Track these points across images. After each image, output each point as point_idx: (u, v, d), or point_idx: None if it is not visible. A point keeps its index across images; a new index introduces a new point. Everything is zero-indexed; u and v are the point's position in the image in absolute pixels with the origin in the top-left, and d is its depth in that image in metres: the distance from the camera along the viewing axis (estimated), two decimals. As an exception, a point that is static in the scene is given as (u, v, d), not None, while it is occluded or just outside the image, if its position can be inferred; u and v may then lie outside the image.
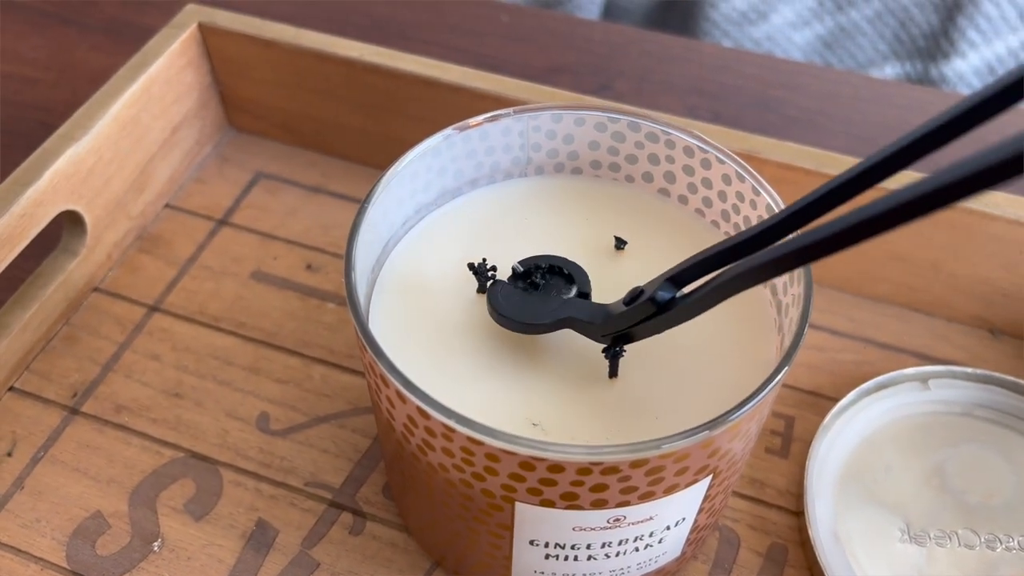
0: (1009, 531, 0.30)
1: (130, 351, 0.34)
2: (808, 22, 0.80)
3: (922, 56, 0.79)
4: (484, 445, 0.20)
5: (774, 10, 0.78)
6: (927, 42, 0.79)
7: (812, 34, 0.79)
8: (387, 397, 0.22)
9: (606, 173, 0.29)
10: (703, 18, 0.80)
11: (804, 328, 0.22)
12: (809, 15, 0.79)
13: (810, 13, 0.79)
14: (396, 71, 0.36)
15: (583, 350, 0.24)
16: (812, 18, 0.80)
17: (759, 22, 0.80)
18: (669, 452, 0.20)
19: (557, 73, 0.46)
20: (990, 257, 0.33)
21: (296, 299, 0.35)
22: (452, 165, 0.27)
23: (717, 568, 0.29)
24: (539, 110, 0.27)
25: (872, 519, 0.30)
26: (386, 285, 0.26)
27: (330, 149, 0.40)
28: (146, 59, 0.36)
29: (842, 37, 0.80)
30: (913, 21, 0.79)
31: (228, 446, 0.31)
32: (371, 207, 0.24)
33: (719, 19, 0.79)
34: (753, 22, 0.80)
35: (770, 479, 0.31)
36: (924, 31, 0.79)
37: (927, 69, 0.78)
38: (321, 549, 0.29)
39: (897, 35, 0.80)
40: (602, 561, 0.24)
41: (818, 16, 0.79)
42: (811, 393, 0.33)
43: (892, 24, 0.80)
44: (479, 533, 0.24)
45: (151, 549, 0.29)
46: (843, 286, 0.35)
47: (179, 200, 0.39)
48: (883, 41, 0.81)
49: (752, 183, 0.25)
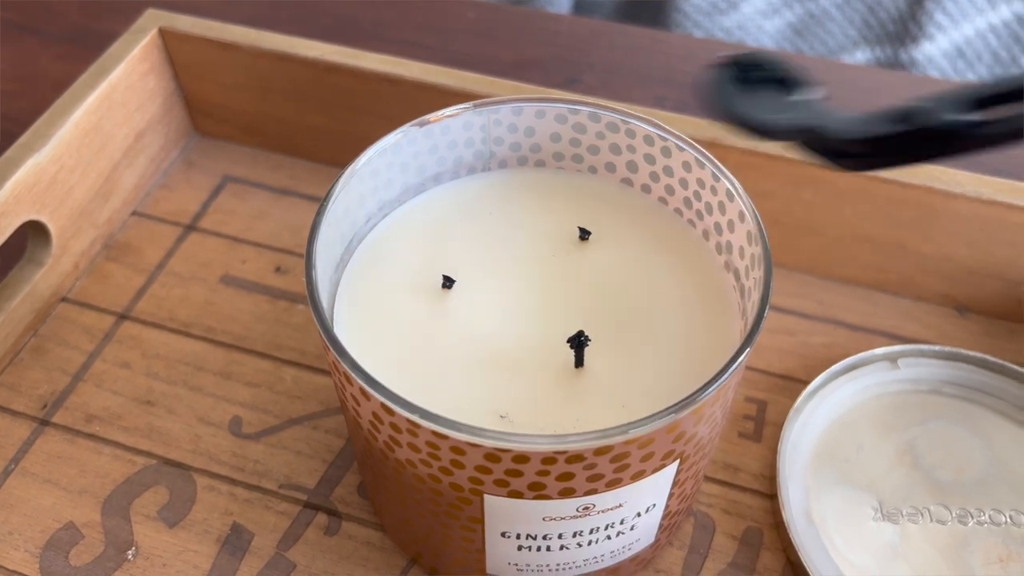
0: (980, 505, 0.30)
1: (100, 360, 0.33)
2: (778, 10, 0.80)
3: (891, 40, 0.79)
4: (448, 439, 0.20)
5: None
6: (896, 26, 0.79)
7: (782, 22, 0.80)
8: (352, 395, 0.22)
9: (569, 165, 0.29)
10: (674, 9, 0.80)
11: (764, 310, 0.22)
12: (779, 3, 0.80)
13: (780, 1, 0.79)
14: (359, 70, 0.35)
15: (548, 341, 0.24)
16: (782, 6, 0.80)
17: (729, 12, 0.80)
18: (633, 438, 0.20)
19: (525, 68, 0.46)
20: (954, 235, 0.33)
21: (266, 302, 0.35)
22: (414, 161, 0.27)
23: (693, 553, 0.29)
24: (499, 103, 0.27)
25: (845, 499, 0.30)
26: (350, 283, 0.26)
27: (297, 151, 0.40)
28: (106, 65, 0.35)
29: (812, 24, 0.81)
30: (881, 6, 0.79)
31: (201, 452, 0.31)
32: (331, 205, 0.24)
33: (690, 10, 0.80)
34: (724, 12, 0.80)
35: (744, 463, 0.31)
36: (892, 15, 0.79)
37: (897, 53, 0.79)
38: (297, 550, 0.29)
39: (866, 20, 0.81)
40: (575, 550, 0.24)
41: (787, 4, 0.80)
42: (782, 377, 0.33)
43: (861, 9, 0.80)
44: (451, 528, 0.24)
45: (125, 558, 0.29)
46: (811, 270, 0.36)
47: (146, 207, 0.38)
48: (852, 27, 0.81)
49: (712, 169, 0.25)
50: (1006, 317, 0.35)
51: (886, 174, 0.32)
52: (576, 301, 0.26)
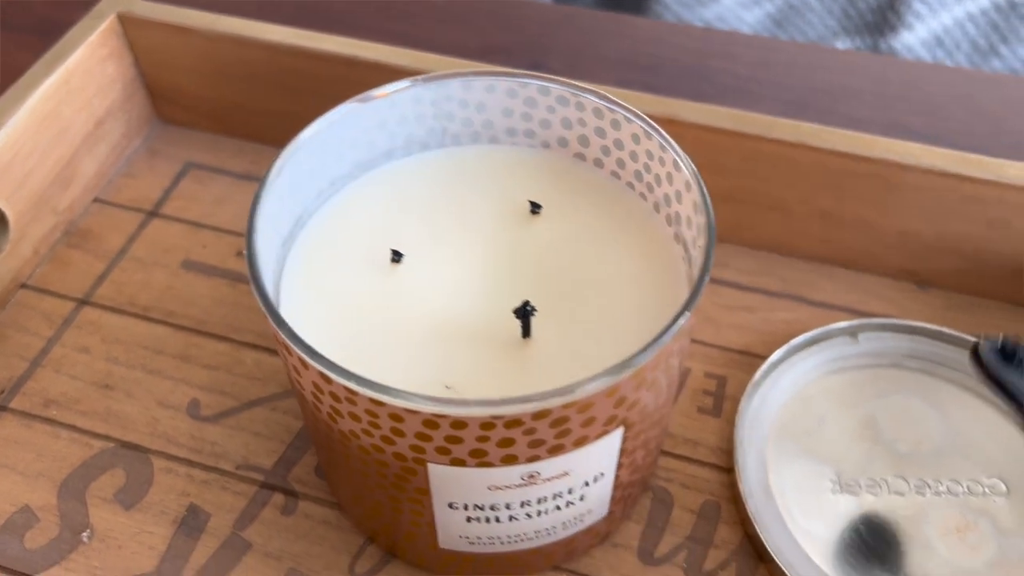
0: (938, 476, 0.30)
1: (59, 345, 0.33)
2: (758, 1, 0.80)
3: (871, 30, 0.79)
4: (386, 406, 0.20)
5: (724, -10, 0.78)
6: (875, 16, 0.80)
7: (762, 12, 0.80)
8: (294, 366, 0.22)
9: (522, 140, 0.29)
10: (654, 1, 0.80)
11: (705, 276, 0.22)
12: (759, -7, 0.80)
13: (759, -9, 0.80)
14: (317, 53, 0.35)
15: (497, 315, 0.24)
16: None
17: (709, 3, 0.80)
18: (572, 402, 0.20)
19: (491, 53, 0.46)
20: (911, 209, 0.33)
21: (226, 286, 0.35)
22: (364, 136, 0.27)
23: (650, 527, 0.29)
24: (447, 78, 0.27)
25: (805, 472, 0.30)
26: (299, 258, 0.26)
27: (259, 136, 0.40)
28: (64, 51, 0.35)
29: (792, 15, 0.81)
30: (860, -4, 0.79)
31: (159, 434, 0.31)
32: (274, 178, 0.24)
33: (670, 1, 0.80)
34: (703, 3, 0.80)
35: (703, 438, 0.31)
36: (871, 5, 0.79)
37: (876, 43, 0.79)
38: (253, 530, 0.29)
39: (845, 10, 0.81)
40: (524, 521, 0.24)
41: (767, -6, 0.80)
42: (743, 353, 0.33)
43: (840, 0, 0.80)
44: (401, 501, 0.24)
45: (80, 540, 0.28)
46: (774, 247, 0.36)
47: (108, 194, 0.38)
48: (832, 17, 0.82)
49: (659, 140, 0.25)
50: (965, 290, 0.35)
51: (842, 147, 0.32)
52: (525, 273, 0.26)
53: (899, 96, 0.44)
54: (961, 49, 0.79)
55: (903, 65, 0.49)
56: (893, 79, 0.45)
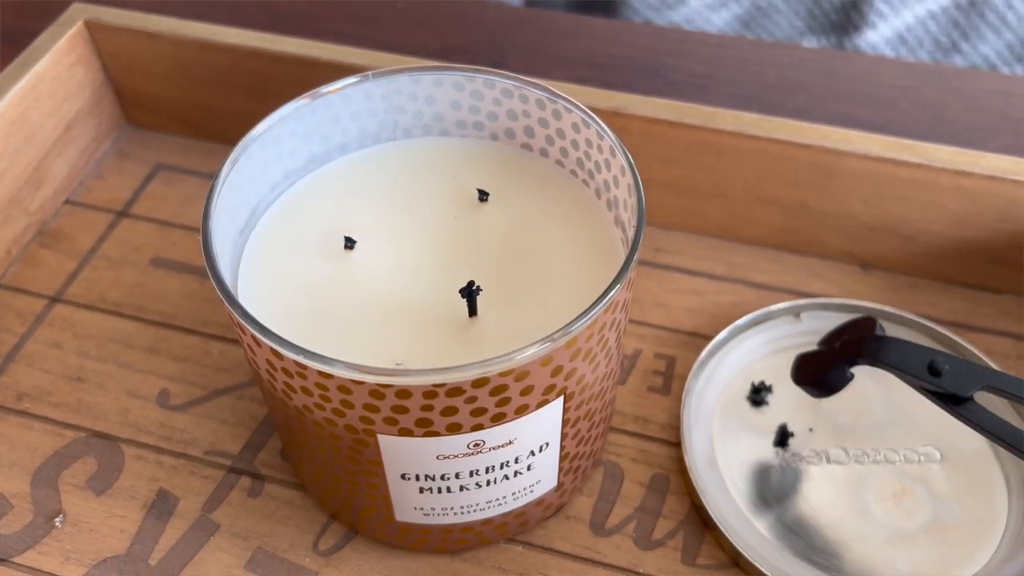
0: (876, 446, 0.31)
1: (31, 341, 0.34)
2: (725, 3, 0.82)
3: (836, 30, 0.81)
4: (334, 378, 0.21)
5: (691, -7, 0.80)
6: (839, 16, 0.81)
7: (730, 14, 0.81)
8: (248, 346, 0.23)
9: (471, 132, 0.30)
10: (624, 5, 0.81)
11: (635, 252, 0.23)
12: (725, -5, 0.81)
13: (726, -7, 0.81)
14: (278, 54, 0.37)
15: (446, 296, 0.26)
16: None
17: (677, 6, 0.81)
18: (509, 369, 0.21)
19: (451, 53, 0.47)
20: (850, 193, 0.35)
21: (194, 282, 0.36)
22: (317, 131, 0.28)
23: (602, 500, 0.30)
24: (395, 72, 0.28)
25: (749, 445, 0.31)
26: (255, 247, 0.27)
27: (226, 138, 0.41)
28: (32, 57, 0.36)
29: (759, 16, 0.83)
30: (824, -4, 0.81)
31: (129, 423, 0.32)
32: (229, 171, 0.25)
33: (638, 5, 0.81)
34: (672, 6, 0.82)
35: (652, 415, 0.32)
36: (836, 5, 0.81)
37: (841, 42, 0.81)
38: (221, 512, 0.30)
39: (811, 11, 0.83)
40: (475, 491, 0.25)
41: (734, -4, 0.81)
42: (690, 334, 0.34)
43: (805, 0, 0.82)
44: (356, 474, 0.25)
45: (53, 525, 0.30)
46: (720, 233, 0.37)
47: (79, 195, 0.39)
48: (798, 17, 0.83)
49: (596, 128, 0.27)
50: (906, 271, 0.36)
51: (781, 135, 0.33)
52: (473, 258, 0.27)
53: (847, 89, 0.45)
54: (924, 46, 0.81)
55: (852, 59, 0.50)
56: (842, 73, 0.47)
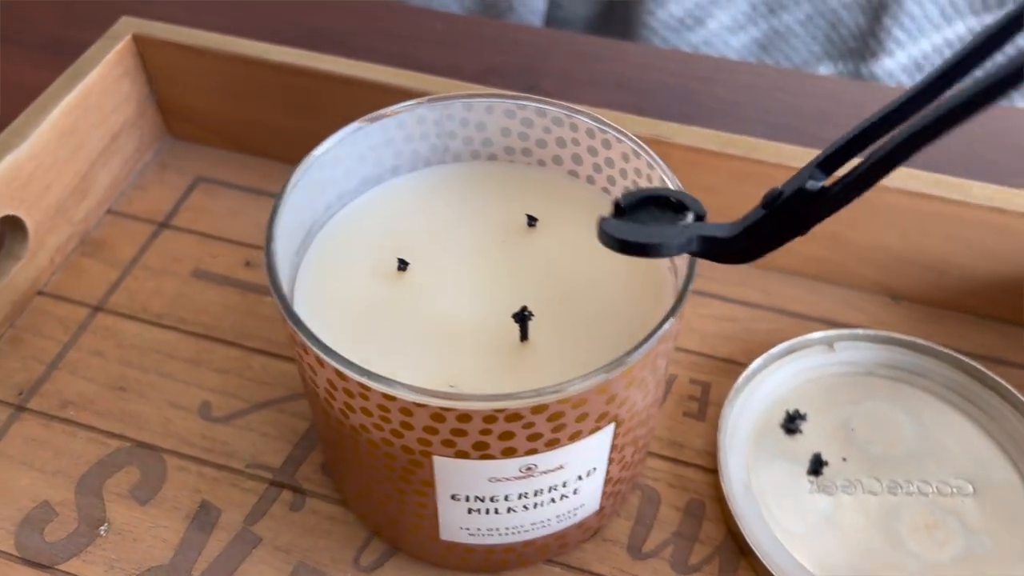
0: (909, 477, 0.32)
1: (74, 349, 0.35)
2: (743, 26, 0.83)
3: (853, 56, 0.82)
4: (397, 400, 0.22)
5: (710, 15, 0.80)
6: (857, 42, 0.82)
7: (748, 38, 0.82)
8: (309, 365, 0.24)
9: (519, 158, 0.31)
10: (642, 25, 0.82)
11: (689, 284, 0.24)
12: (744, 19, 0.82)
13: (745, 17, 0.82)
14: (323, 73, 0.37)
15: (497, 320, 0.26)
16: (747, 22, 0.82)
17: (696, 27, 0.82)
18: (567, 397, 0.22)
19: (487, 75, 0.48)
20: (887, 227, 0.35)
21: (235, 294, 0.37)
22: (371, 154, 0.29)
23: (639, 524, 0.31)
24: (450, 99, 0.29)
25: (783, 472, 0.32)
26: (310, 267, 0.28)
27: (266, 152, 0.42)
28: (82, 69, 0.37)
29: (777, 40, 0.83)
30: (842, 23, 0.82)
31: (171, 434, 0.32)
32: (291, 190, 0.26)
33: (657, 26, 0.82)
34: (690, 28, 0.83)
35: (688, 441, 0.33)
36: (853, 32, 0.82)
37: (858, 68, 0.81)
38: (263, 525, 0.30)
39: (828, 36, 0.83)
40: (522, 513, 0.26)
41: (752, 20, 0.82)
42: (726, 360, 0.35)
43: (823, 26, 0.83)
44: (406, 493, 0.26)
45: (98, 533, 0.30)
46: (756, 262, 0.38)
47: (120, 205, 0.40)
48: (816, 43, 0.84)
49: (647, 159, 0.27)
50: (936, 304, 0.37)
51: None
52: (523, 282, 0.27)
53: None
54: (940, 75, 0.81)
55: (881, 91, 0.51)
56: (871, 105, 0.47)
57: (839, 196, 0.21)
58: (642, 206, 0.23)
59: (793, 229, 0.22)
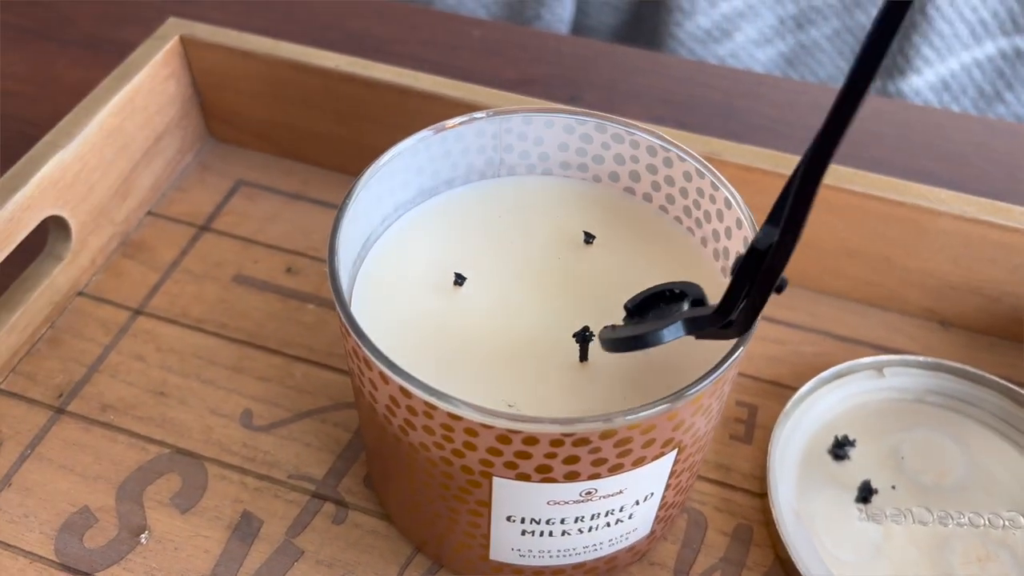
0: (960, 508, 0.31)
1: (115, 352, 0.34)
2: (770, 40, 0.82)
3: (880, 73, 0.81)
4: (463, 420, 0.21)
5: (737, 29, 0.80)
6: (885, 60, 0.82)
7: (775, 51, 0.82)
8: (370, 380, 0.23)
9: (575, 173, 0.30)
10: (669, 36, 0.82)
11: (760, 310, 0.23)
12: (771, 33, 0.82)
13: (772, 31, 0.82)
14: (371, 80, 0.37)
15: (555, 338, 0.26)
16: (774, 36, 0.82)
17: (723, 40, 0.82)
18: (636, 423, 0.21)
19: (528, 84, 0.48)
20: (938, 252, 0.35)
21: (277, 301, 0.36)
22: (429, 165, 0.29)
23: (686, 548, 0.30)
24: (511, 113, 0.29)
25: (832, 499, 0.31)
26: (368, 277, 0.27)
27: (308, 157, 0.41)
28: (130, 70, 0.37)
29: (803, 54, 0.83)
30: (870, 39, 0.81)
31: (213, 442, 0.32)
32: (353, 200, 0.25)
33: (684, 37, 0.82)
34: (717, 40, 0.82)
35: (735, 464, 0.32)
36: (881, 48, 0.81)
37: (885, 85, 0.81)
38: (305, 538, 0.30)
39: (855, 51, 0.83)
40: (575, 536, 0.25)
41: (780, 34, 0.82)
42: (772, 383, 0.34)
43: (850, 42, 0.82)
44: (459, 512, 0.25)
45: (138, 541, 0.30)
46: (804, 283, 0.37)
47: (161, 207, 0.40)
48: (842, 58, 0.84)
49: (711, 179, 0.27)
50: (986, 331, 0.36)
51: (877, 191, 0.34)
52: (580, 300, 0.27)
53: (921, 142, 0.46)
54: (967, 94, 0.81)
55: (925, 112, 0.51)
56: (915, 125, 0.47)
57: (785, 242, 0.20)
58: (649, 304, 0.24)
59: (762, 290, 0.21)
